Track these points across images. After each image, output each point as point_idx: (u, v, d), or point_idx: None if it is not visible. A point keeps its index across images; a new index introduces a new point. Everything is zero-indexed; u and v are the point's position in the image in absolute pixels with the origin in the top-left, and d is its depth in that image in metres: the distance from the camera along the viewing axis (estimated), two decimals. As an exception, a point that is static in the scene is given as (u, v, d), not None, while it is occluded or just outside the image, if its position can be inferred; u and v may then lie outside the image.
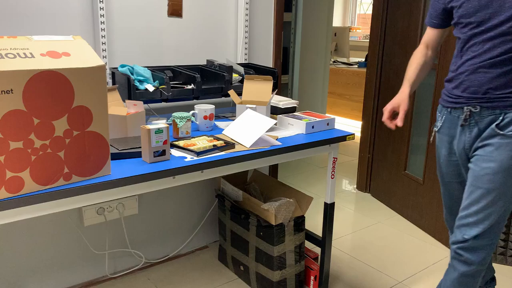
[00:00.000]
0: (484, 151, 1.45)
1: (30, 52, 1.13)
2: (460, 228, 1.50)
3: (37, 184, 1.17)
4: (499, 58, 1.38)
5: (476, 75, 1.43)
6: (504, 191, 1.43)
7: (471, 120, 1.47)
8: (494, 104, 1.42)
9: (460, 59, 1.47)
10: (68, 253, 2.04)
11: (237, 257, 2.17)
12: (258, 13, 2.43)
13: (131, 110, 1.66)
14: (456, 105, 1.50)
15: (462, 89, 1.47)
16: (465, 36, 1.44)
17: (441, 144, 1.61)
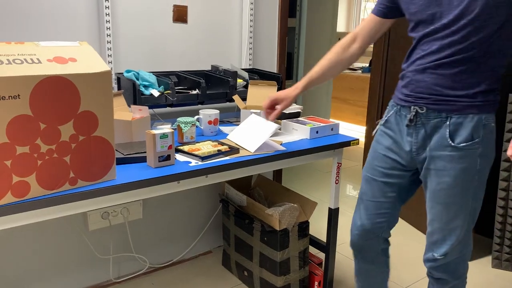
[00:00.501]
0: (437, 165, 1.37)
1: (37, 58, 1.14)
2: (430, 246, 1.46)
3: (43, 188, 1.17)
4: (446, 60, 1.29)
5: (423, 75, 1.34)
6: (462, 203, 1.37)
7: (418, 121, 1.38)
8: (441, 107, 1.33)
9: (410, 57, 1.40)
10: (72, 257, 2.05)
11: (241, 262, 2.17)
12: (262, 19, 2.45)
13: (136, 115, 1.67)
14: (404, 103, 1.41)
15: (410, 89, 1.38)
16: (416, 35, 1.36)
17: (383, 138, 1.50)
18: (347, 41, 1.54)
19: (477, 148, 1.32)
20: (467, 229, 1.41)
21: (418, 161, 1.42)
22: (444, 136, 1.34)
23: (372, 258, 1.61)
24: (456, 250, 1.42)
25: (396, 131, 1.46)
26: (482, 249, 2.59)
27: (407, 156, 1.43)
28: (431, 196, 1.41)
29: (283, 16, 2.52)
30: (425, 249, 1.50)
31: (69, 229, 2.01)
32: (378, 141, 1.52)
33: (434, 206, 1.41)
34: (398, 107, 1.44)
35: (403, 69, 1.43)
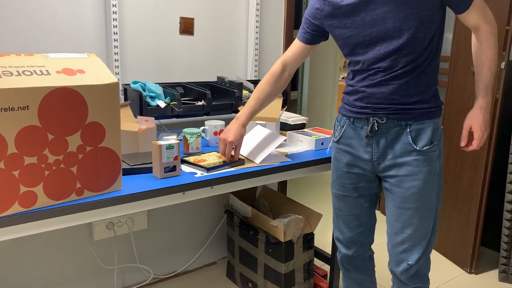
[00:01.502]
0: (405, 170, 1.38)
1: (46, 70, 1.16)
2: (401, 256, 1.45)
3: (50, 199, 1.18)
4: (400, 71, 1.34)
5: (379, 88, 1.37)
6: (431, 205, 1.41)
7: (378, 132, 1.39)
8: (400, 115, 1.36)
9: (358, 74, 1.42)
10: (77, 267, 2.05)
11: (246, 274, 2.16)
12: (268, 31, 2.47)
13: (142, 126, 1.68)
14: (360, 115, 1.42)
15: (367, 101, 1.40)
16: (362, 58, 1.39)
17: (341, 156, 1.50)
18: (278, 70, 1.60)
19: (435, 151, 1.39)
20: (433, 231, 1.44)
21: (378, 169, 1.44)
22: (407, 142, 1.37)
23: (362, 267, 1.66)
24: (426, 252, 1.45)
25: (353, 144, 1.46)
26: (488, 263, 2.57)
27: (369, 165, 1.45)
28: (400, 203, 1.42)
29: (288, 28, 2.54)
30: (392, 262, 1.51)
31: (74, 239, 2.01)
32: (337, 159, 1.53)
33: (403, 213, 1.42)
34: (350, 120, 1.45)
35: (351, 85, 1.45)
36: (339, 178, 1.54)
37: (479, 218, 2.38)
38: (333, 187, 1.57)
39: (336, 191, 1.56)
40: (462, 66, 2.43)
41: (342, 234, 1.61)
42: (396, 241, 1.46)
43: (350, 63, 1.46)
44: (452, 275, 2.44)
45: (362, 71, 1.40)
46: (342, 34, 1.41)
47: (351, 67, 1.46)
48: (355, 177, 1.50)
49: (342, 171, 1.52)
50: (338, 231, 1.62)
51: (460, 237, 2.51)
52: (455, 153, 2.51)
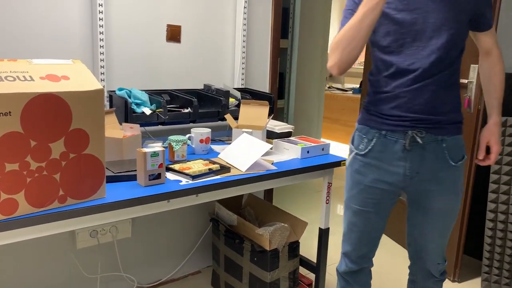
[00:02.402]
0: (442, 185, 1.41)
1: (29, 75, 1.14)
2: (436, 260, 1.53)
3: (31, 206, 1.16)
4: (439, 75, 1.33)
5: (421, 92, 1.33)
6: (457, 211, 1.49)
7: (415, 146, 1.37)
8: (437, 130, 1.36)
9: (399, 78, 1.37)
10: (59, 276, 2.01)
11: (231, 283, 2.15)
12: (255, 39, 2.48)
13: (127, 133, 1.67)
14: (396, 128, 1.37)
15: (405, 109, 1.35)
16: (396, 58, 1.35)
17: (367, 170, 1.43)
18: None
19: (463, 164, 1.44)
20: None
21: (410, 184, 1.42)
22: (443, 157, 1.39)
23: (364, 281, 1.64)
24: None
25: (383, 158, 1.41)
26: (471, 271, 2.59)
27: (399, 180, 1.41)
28: (436, 215, 1.45)
29: (275, 37, 2.56)
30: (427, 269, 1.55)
31: (57, 247, 1.98)
32: (361, 173, 1.46)
33: (437, 225, 1.46)
34: (382, 133, 1.40)
35: (385, 91, 1.38)
36: (361, 193, 1.47)
37: (462, 227, 2.41)
38: (351, 201, 1.50)
39: (354, 206, 1.49)
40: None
41: (354, 250, 1.55)
42: (435, 250, 1.51)
43: (378, 68, 1.40)
44: (436, 283, 2.46)
45: (400, 73, 1.34)
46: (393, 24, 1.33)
47: (381, 73, 1.39)
48: (380, 193, 1.45)
49: (366, 185, 1.45)
50: (350, 246, 1.56)
51: (443, 245, 2.53)
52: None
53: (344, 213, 1.58)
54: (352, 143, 1.49)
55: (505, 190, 2.25)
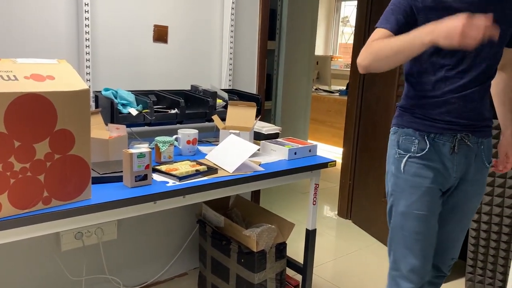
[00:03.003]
0: (477, 186, 1.47)
1: (13, 75, 1.13)
2: (451, 254, 1.56)
3: (15, 208, 1.14)
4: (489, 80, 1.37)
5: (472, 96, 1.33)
6: None
7: (461, 148, 1.38)
8: (481, 133, 1.40)
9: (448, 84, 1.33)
10: (43, 279, 1.98)
11: (217, 285, 2.14)
12: (242, 41, 2.48)
13: (113, 133, 1.65)
14: (445, 131, 1.36)
15: (455, 115, 1.34)
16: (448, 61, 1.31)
17: (426, 171, 1.39)
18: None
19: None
20: None
21: (453, 185, 1.45)
22: (482, 160, 1.44)
23: None
24: None
25: (436, 160, 1.39)
26: (456, 271, 2.63)
27: (448, 181, 1.43)
28: (466, 214, 1.50)
29: (262, 38, 2.56)
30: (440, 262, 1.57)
31: (40, 249, 1.95)
32: (421, 175, 1.40)
33: (464, 222, 1.51)
34: (430, 136, 1.38)
35: (434, 96, 1.34)
36: (424, 196, 1.40)
37: (447, 227, 2.44)
38: (413, 207, 1.41)
39: (418, 212, 1.40)
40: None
41: (424, 263, 1.44)
42: (455, 247, 1.55)
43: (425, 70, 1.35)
44: (421, 283, 2.49)
45: (451, 78, 1.32)
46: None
47: (429, 75, 1.35)
48: (437, 194, 1.42)
49: (427, 187, 1.39)
50: (418, 260, 1.43)
51: (428, 246, 2.56)
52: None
53: (400, 226, 1.45)
54: (399, 147, 1.43)
55: (489, 191, 2.28)
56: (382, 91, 2.96)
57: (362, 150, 3.19)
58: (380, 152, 2.98)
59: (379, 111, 2.99)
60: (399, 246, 1.46)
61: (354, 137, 3.25)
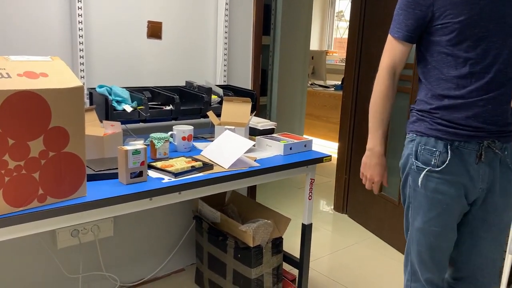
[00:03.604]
0: (506, 196, 1.31)
1: (6, 72, 1.12)
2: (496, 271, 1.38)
3: (10, 206, 1.14)
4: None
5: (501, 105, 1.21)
6: None
7: (487, 156, 1.26)
8: (506, 138, 1.28)
9: (473, 81, 1.20)
10: (40, 276, 1.98)
11: (214, 280, 2.15)
12: (237, 36, 2.47)
13: (108, 130, 1.65)
14: (470, 139, 1.24)
15: (482, 120, 1.22)
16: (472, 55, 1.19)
17: (447, 187, 1.28)
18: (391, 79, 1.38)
19: None
20: None
21: (483, 195, 1.31)
22: (508, 166, 1.31)
23: None
24: None
25: (459, 172, 1.27)
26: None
27: (475, 193, 1.30)
28: (499, 230, 1.34)
29: (257, 33, 2.55)
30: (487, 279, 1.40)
31: (37, 247, 1.94)
32: (441, 191, 1.28)
33: (498, 240, 1.35)
34: (454, 144, 1.25)
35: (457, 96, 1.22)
36: (442, 214, 1.30)
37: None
38: (431, 224, 1.32)
39: (436, 229, 1.31)
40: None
41: (441, 274, 1.39)
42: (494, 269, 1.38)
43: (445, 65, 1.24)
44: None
45: (477, 74, 1.19)
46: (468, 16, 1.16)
47: (450, 71, 1.23)
48: (460, 210, 1.32)
49: (447, 204, 1.29)
50: (433, 274, 1.38)
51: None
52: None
53: (417, 241, 1.38)
54: (416, 158, 1.31)
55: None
56: (377, 85, 2.95)
57: (358, 144, 3.20)
58: (375, 147, 2.99)
59: (374, 106, 2.99)
60: (416, 259, 1.40)
61: (349, 132, 3.26)
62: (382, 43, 3.07)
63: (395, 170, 2.84)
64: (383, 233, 2.95)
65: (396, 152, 2.82)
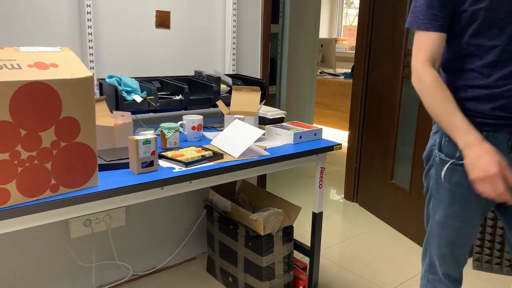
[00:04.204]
0: None
1: (17, 64, 1.13)
2: None
3: (23, 196, 1.15)
4: None
5: None
6: None
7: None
8: None
9: (498, 69, 1.14)
10: (54, 266, 2.01)
11: (226, 268, 2.16)
12: (245, 25, 2.46)
13: (118, 121, 1.65)
14: (500, 128, 1.18)
15: (510, 110, 1.16)
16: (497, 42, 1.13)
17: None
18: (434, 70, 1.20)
19: None
20: None
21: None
22: None
23: None
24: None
25: None
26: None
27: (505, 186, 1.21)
28: None
29: (266, 22, 2.53)
30: None
31: (50, 237, 1.97)
32: (464, 185, 1.23)
33: None
34: (484, 134, 1.18)
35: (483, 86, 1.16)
36: (465, 209, 1.25)
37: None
38: (451, 218, 1.28)
39: (457, 224, 1.27)
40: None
41: (457, 269, 1.36)
42: None
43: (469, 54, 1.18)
44: (428, 264, 2.50)
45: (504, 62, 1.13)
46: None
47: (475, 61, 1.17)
48: (485, 205, 1.25)
49: (473, 199, 1.23)
50: (451, 267, 1.35)
51: (435, 227, 2.56)
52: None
53: (437, 234, 1.34)
54: (440, 150, 1.25)
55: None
56: (388, 73, 2.93)
57: (368, 132, 3.18)
58: (386, 134, 2.97)
59: (385, 93, 2.97)
60: (434, 251, 1.37)
61: (359, 120, 3.24)
62: (393, 29, 3.04)
63: (406, 158, 2.82)
64: (394, 221, 2.94)
65: (407, 141, 2.80)
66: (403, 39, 2.76)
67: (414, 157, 2.69)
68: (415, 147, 2.68)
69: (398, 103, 2.83)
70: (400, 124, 2.86)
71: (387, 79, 2.93)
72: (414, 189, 2.71)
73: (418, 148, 2.66)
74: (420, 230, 2.69)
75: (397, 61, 2.81)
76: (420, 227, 2.68)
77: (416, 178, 2.68)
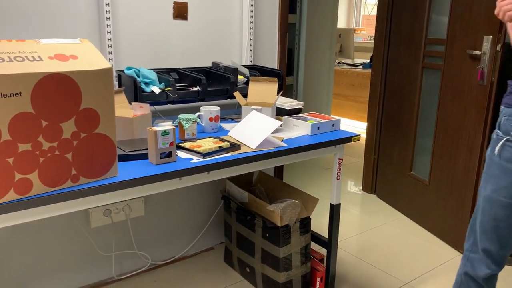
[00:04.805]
0: None
1: (38, 55, 1.14)
2: None
3: (45, 186, 1.18)
4: None
5: None
6: None
7: None
8: None
9: None
10: (74, 254, 2.05)
11: (243, 259, 2.18)
12: (263, 15, 2.44)
13: (137, 112, 1.67)
14: None
15: None
16: None
17: None
18: None
19: None
20: None
21: None
22: None
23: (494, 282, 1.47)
24: None
25: None
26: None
27: None
28: None
29: (283, 12, 2.51)
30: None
31: (71, 227, 2.01)
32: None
33: None
34: None
35: None
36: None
37: (474, 201, 2.40)
38: (499, 193, 1.32)
39: (504, 199, 1.31)
40: (458, 49, 2.42)
41: (500, 249, 1.37)
42: None
43: None
44: (448, 257, 2.47)
45: None
46: None
47: None
48: None
49: None
50: (494, 245, 1.37)
51: (455, 220, 2.53)
52: (450, 135, 2.51)
53: (482, 209, 1.38)
54: (499, 128, 1.31)
55: None
56: (407, 63, 2.88)
57: (387, 123, 3.14)
58: (405, 125, 2.93)
59: (404, 84, 2.92)
60: (479, 228, 1.39)
61: (378, 111, 3.20)
62: (413, 19, 2.99)
63: (425, 150, 2.78)
64: (412, 213, 2.91)
65: (427, 132, 2.76)
66: (423, 28, 2.70)
67: (434, 149, 2.65)
68: (435, 139, 2.64)
69: (418, 93, 2.79)
70: (420, 115, 2.82)
71: (407, 69, 2.89)
72: (433, 181, 2.67)
73: (437, 140, 2.61)
74: (439, 222, 2.66)
75: (417, 51, 2.76)
76: (439, 219, 2.65)
77: (435, 170, 2.64)
